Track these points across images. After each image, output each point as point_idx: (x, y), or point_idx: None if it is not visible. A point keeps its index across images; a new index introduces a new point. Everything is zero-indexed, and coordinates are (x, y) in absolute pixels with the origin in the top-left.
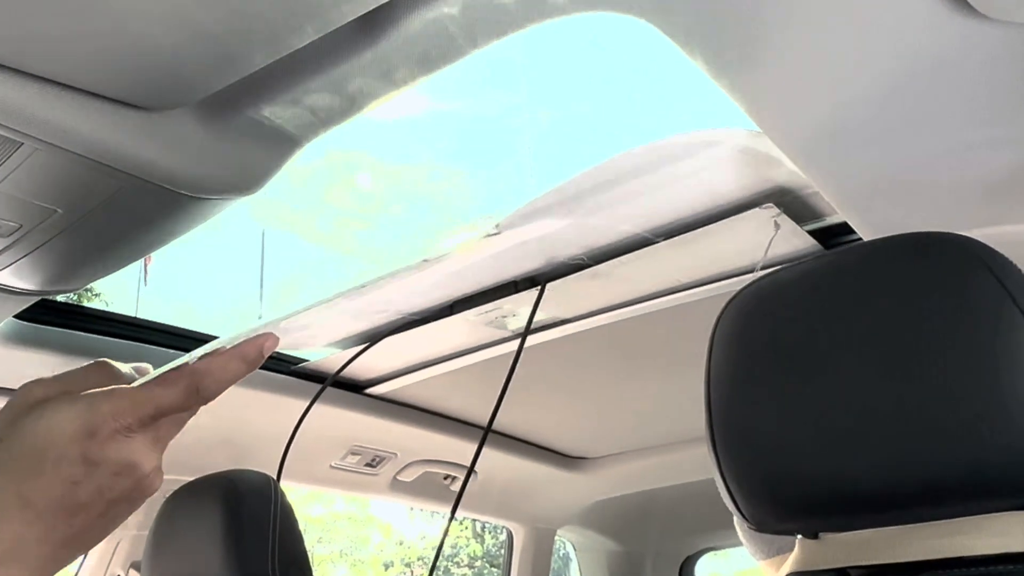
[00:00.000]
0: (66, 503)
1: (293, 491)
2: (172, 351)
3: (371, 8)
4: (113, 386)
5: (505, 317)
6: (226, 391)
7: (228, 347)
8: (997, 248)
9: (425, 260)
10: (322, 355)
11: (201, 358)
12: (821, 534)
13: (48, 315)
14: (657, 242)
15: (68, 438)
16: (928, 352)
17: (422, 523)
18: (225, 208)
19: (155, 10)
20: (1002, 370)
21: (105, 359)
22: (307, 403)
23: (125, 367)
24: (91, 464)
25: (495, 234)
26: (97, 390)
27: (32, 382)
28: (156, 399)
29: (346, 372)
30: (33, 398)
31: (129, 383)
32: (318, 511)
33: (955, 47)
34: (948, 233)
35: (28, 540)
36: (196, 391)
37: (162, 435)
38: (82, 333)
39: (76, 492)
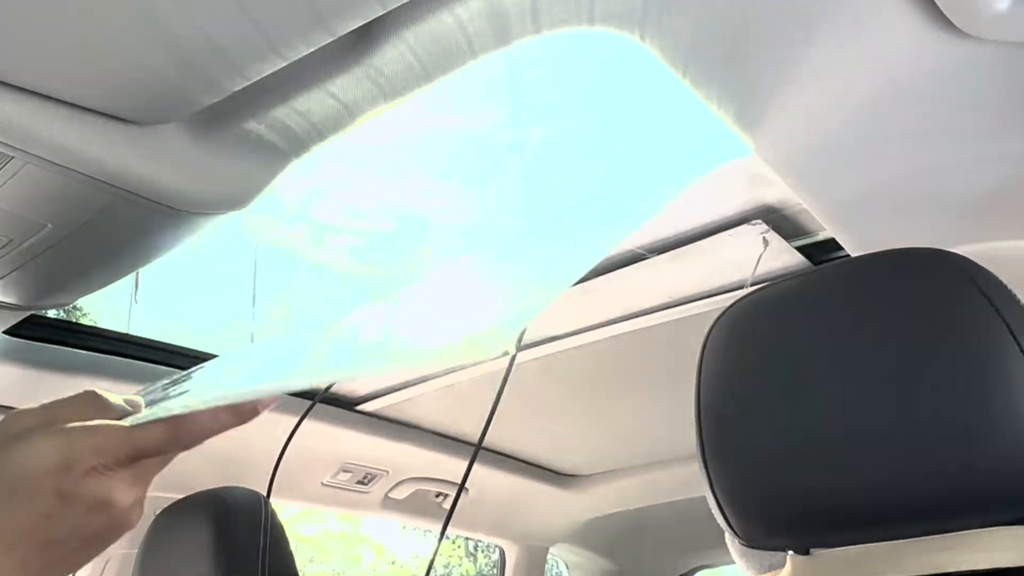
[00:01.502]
0: (38, 536)
1: (285, 509)
2: (162, 367)
3: (360, 24)
4: (97, 421)
5: None
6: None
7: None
8: (983, 264)
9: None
10: None
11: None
12: (812, 550)
13: (38, 331)
14: (648, 258)
15: (44, 471)
16: (915, 368)
17: (415, 542)
18: (216, 223)
19: (146, 26)
20: (989, 385)
21: (95, 390)
22: (296, 419)
23: (117, 399)
24: (65, 499)
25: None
26: (79, 424)
27: (20, 411)
28: (136, 440)
29: (337, 389)
30: (19, 427)
31: (119, 416)
32: (310, 530)
33: (939, 66)
34: (934, 249)
35: (2, 570)
36: (177, 438)
37: (143, 472)
38: (72, 349)
39: (49, 526)
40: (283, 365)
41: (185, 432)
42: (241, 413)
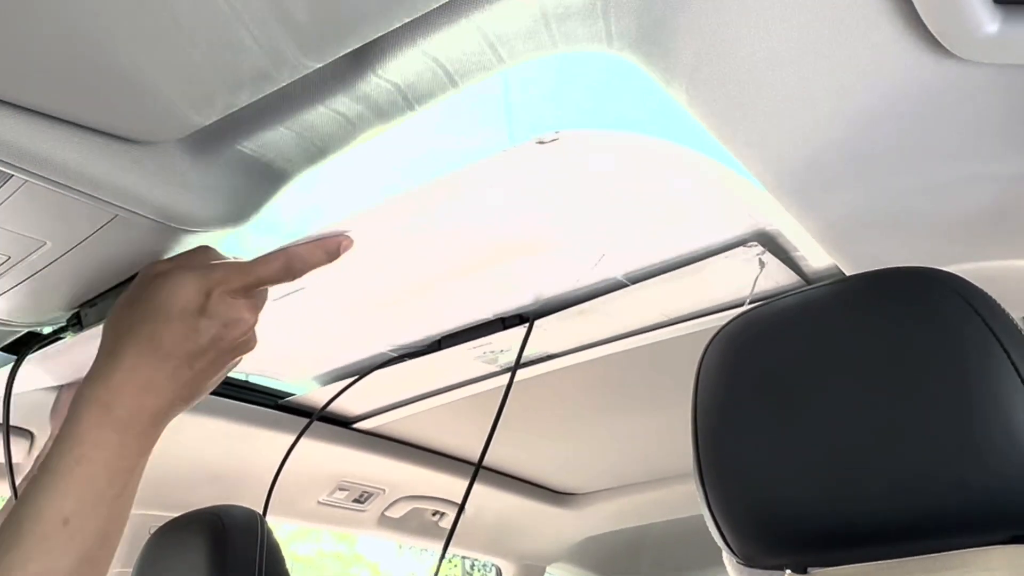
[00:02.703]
0: (189, 347)
1: (280, 528)
2: None
3: (362, 44)
4: (222, 260)
5: (494, 352)
6: (210, 426)
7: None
8: (976, 283)
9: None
10: (309, 390)
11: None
12: (810, 569)
13: (35, 348)
14: (645, 279)
15: (189, 296)
16: (910, 387)
17: (411, 560)
18: (215, 240)
19: (144, 44)
20: (984, 403)
21: (207, 245)
22: (293, 437)
23: (227, 255)
24: (206, 316)
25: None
26: (212, 262)
27: (152, 263)
28: (257, 271)
29: (334, 407)
30: (155, 272)
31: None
32: (305, 550)
33: (930, 88)
34: (929, 268)
35: (159, 378)
36: (288, 268)
37: (257, 303)
38: None
39: (197, 338)
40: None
41: (293, 265)
42: (330, 250)
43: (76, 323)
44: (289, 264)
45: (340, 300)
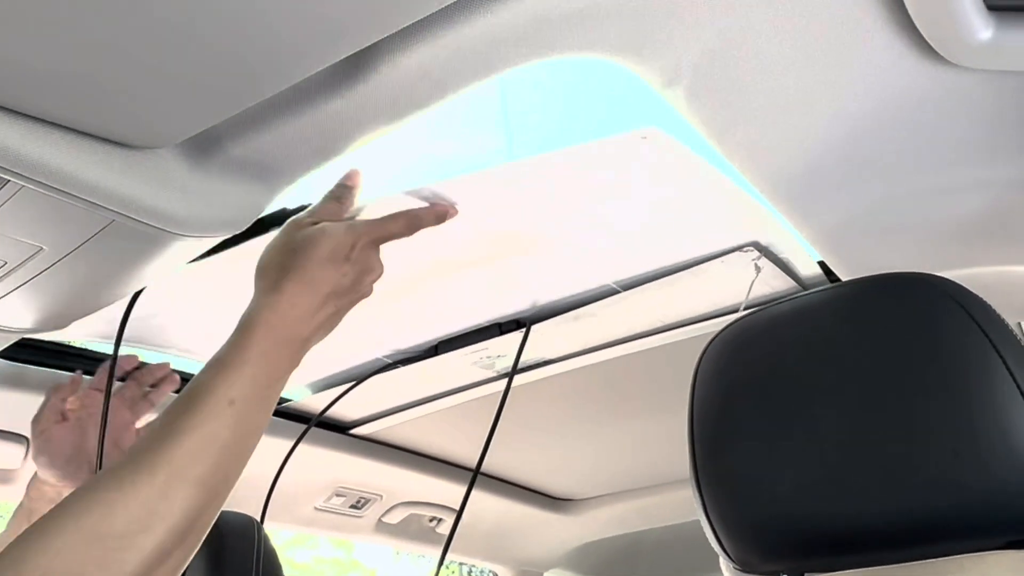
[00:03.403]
0: (337, 287)
1: (277, 534)
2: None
3: (359, 48)
4: (363, 219)
5: (491, 358)
6: None
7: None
8: (972, 290)
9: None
10: (306, 395)
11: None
12: (806, 574)
13: (30, 354)
14: (641, 285)
15: (341, 244)
16: (906, 392)
17: (408, 566)
18: (212, 246)
19: (139, 50)
20: (980, 409)
21: (336, 198)
22: (290, 443)
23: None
24: (353, 263)
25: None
26: (355, 220)
27: (298, 217)
28: (389, 227)
29: (331, 413)
30: (303, 223)
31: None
32: (303, 556)
33: (925, 94)
34: (924, 274)
35: (312, 310)
36: (409, 226)
37: (378, 253)
38: (66, 372)
39: (343, 280)
40: None
41: (415, 220)
42: (440, 216)
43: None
44: (410, 223)
45: None
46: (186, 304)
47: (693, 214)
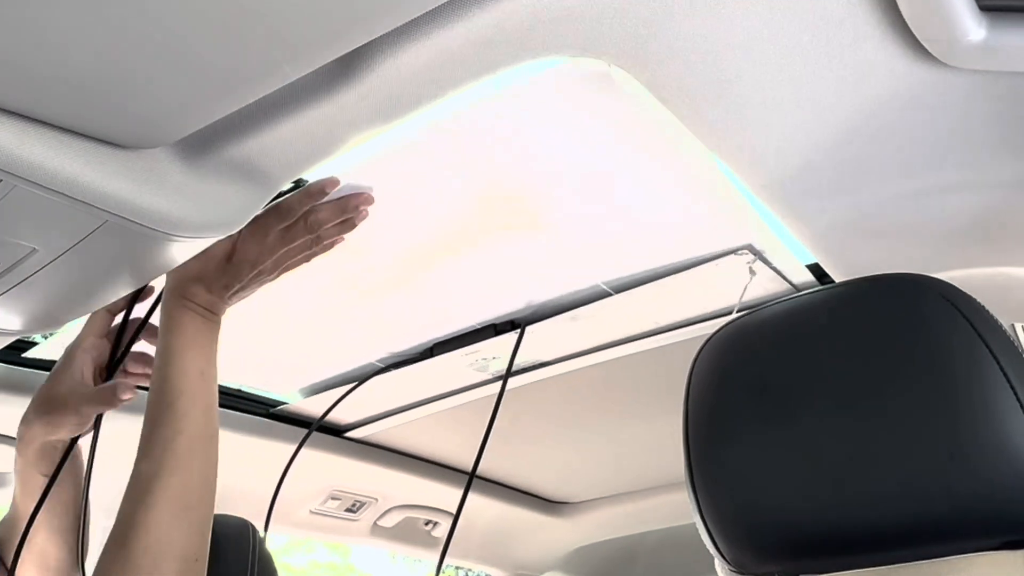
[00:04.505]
0: (219, 273)
1: (272, 539)
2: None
3: (353, 48)
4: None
5: (486, 360)
6: None
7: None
8: (964, 290)
9: None
10: (301, 398)
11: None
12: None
13: (25, 356)
14: (636, 287)
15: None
16: (900, 393)
17: (404, 570)
18: (204, 247)
19: (132, 50)
20: (974, 409)
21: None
22: (284, 446)
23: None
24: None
25: None
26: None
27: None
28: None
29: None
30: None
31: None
32: (298, 561)
33: (918, 95)
34: (917, 275)
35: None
36: (303, 199)
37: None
38: None
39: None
40: None
41: (306, 196)
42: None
43: None
44: (305, 195)
45: (326, 292)
46: None
47: (688, 217)
